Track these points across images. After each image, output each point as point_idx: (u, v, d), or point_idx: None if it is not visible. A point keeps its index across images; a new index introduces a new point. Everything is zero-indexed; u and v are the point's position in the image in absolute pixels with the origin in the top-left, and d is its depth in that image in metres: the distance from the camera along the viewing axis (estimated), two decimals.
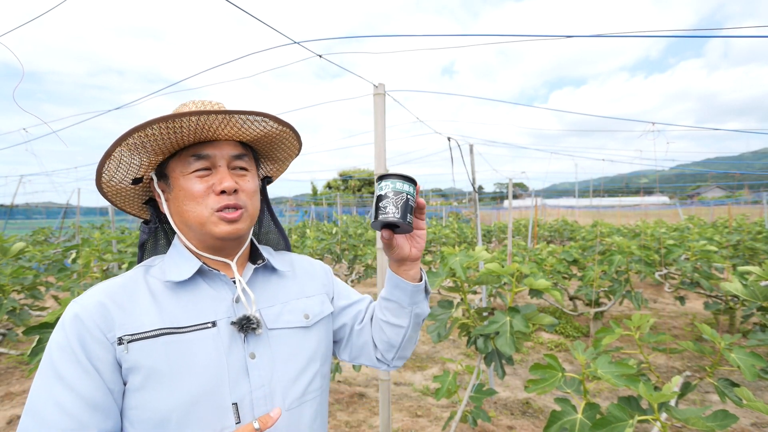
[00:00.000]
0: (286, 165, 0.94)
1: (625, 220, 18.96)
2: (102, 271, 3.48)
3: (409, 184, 0.72)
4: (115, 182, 0.79)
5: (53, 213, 16.32)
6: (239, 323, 0.73)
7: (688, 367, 3.88)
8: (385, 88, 1.93)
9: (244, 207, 0.76)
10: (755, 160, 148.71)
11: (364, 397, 3.32)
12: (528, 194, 18.35)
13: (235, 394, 0.71)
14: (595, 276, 4.24)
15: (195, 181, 0.74)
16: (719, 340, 1.57)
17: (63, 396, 0.64)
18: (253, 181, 0.80)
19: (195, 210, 0.74)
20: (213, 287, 0.77)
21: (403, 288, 0.86)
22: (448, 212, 21.37)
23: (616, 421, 1.23)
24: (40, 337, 1.76)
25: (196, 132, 0.72)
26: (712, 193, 44.76)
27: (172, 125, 0.69)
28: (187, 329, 0.71)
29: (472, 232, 9.49)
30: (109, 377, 0.67)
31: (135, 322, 0.69)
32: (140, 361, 0.67)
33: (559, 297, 1.87)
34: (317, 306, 0.87)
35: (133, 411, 0.68)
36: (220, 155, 0.75)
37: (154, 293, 0.73)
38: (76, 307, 0.69)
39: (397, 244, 0.80)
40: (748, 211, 17.13)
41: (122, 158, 0.74)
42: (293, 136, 0.84)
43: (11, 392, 3.39)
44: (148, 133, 0.70)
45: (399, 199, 0.71)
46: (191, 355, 0.69)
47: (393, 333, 0.90)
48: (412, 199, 0.72)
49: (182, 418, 0.67)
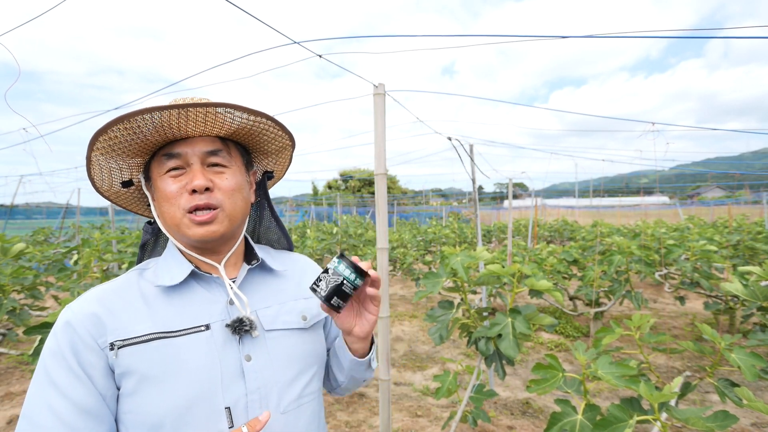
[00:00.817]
0: (284, 158, 0.90)
1: (625, 220, 18.97)
2: (102, 271, 3.48)
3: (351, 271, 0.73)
4: (107, 186, 0.79)
5: (53, 213, 16.32)
6: (233, 325, 0.72)
7: (688, 367, 3.88)
8: (385, 88, 1.92)
9: (220, 206, 0.73)
10: (755, 160, 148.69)
11: (364, 397, 3.32)
12: (528, 194, 18.36)
13: (229, 398, 0.69)
14: (595, 276, 4.24)
15: (169, 182, 0.72)
16: (719, 340, 1.57)
17: (56, 402, 0.64)
18: (234, 178, 0.76)
19: (169, 211, 0.73)
20: (207, 289, 0.76)
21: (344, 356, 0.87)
22: (448, 212, 21.38)
23: (617, 421, 1.23)
24: (41, 337, 1.76)
25: (158, 130, 0.70)
26: (712, 193, 44.76)
27: (129, 125, 0.68)
28: (180, 333, 0.70)
29: (472, 232, 9.49)
30: (101, 383, 0.67)
31: (127, 328, 0.68)
32: (132, 366, 0.67)
33: (559, 297, 1.87)
34: (316, 307, 0.86)
35: (127, 415, 0.68)
36: (191, 152, 0.73)
37: (146, 297, 0.72)
38: (68, 314, 0.69)
39: (338, 318, 0.78)
40: (748, 211, 17.13)
41: (101, 163, 0.74)
42: (272, 125, 0.79)
43: (11, 392, 3.39)
44: (111, 136, 0.69)
45: (333, 280, 0.72)
46: (183, 359, 0.68)
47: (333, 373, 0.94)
48: (348, 285, 0.73)
49: (176, 422, 0.66)
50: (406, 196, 41.11)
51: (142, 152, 0.74)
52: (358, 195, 33.73)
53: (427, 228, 10.40)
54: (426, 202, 37.62)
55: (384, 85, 1.92)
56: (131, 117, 0.66)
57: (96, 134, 0.68)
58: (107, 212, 12.18)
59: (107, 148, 0.71)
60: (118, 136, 0.69)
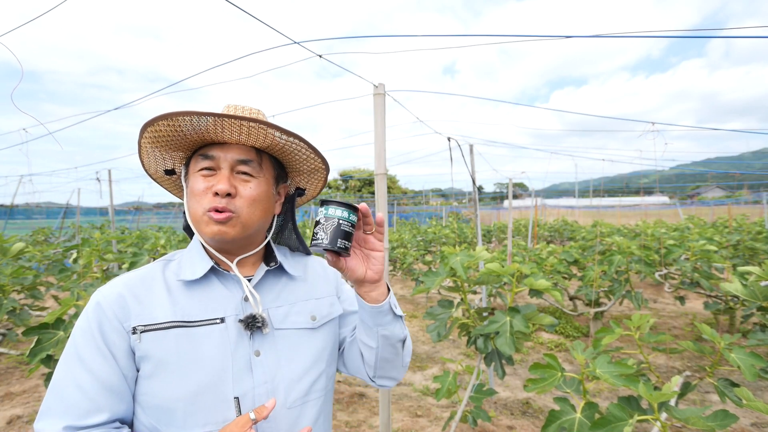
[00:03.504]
0: (317, 179, 0.92)
1: (625, 220, 18.96)
2: (102, 271, 3.48)
3: (341, 209, 0.72)
4: (153, 170, 0.86)
5: (53, 213, 16.32)
6: (246, 321, 0.76)
7: (688, 367, 3.88)
8: (385, 88, 1.93)
9: (237, 213, 0.76)
10: (755, 160, 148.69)
11: (364, 397, 3.32)
12: (528, 194, 18.36)
13: (238, 389, 0.74)
14: (595, 276, 4.24)
15: (200, 180, 0.77)
16: (719, 340, 1.57)
17: (82, 377, 0.69)
18: (258, 189, 0.79)
19: (194, 206, 0.77)
20: (224, 285, 0.80)
21: (364, 308, 0.83)
22: (448, 212, 21.37)
23: (616, 420, 1.23)
24: (39, 338, 1.76)
25: (197, 132, 0.75)
26: (712, 193, 44.75)
27: (171, 123, 0.74)
28: (197, 323, 0.74)
29: (472, 232, 9.49)
30: (123, 363, 0.72)
31: (149, 314, 0.73)
32: (151, 350, 0.71)
33: (559, 297, 1.87)
34: (326, 308, 0.89)
35: (143, 397, 0.73)
36: (224, 157, 0.77)
37: (169, 288, 0.77)
38: (99, 296, 0.74)
39: (347, 267, 0.78)
40: (748, 211, 17.12)
41: (148, 150, 0.81)
42: (304, 147, 0.82)
43: (11, 392, 3.39)
44: (156, 129, 0.75)
45: (330, 224, 0.72)
46: (199, 348, 0.73)
47: (367, 352, 0.87)
48: (346, 223, 0.72)
49: (188, 407, 0.71)
50: (406, 196, 41.11)
51: (184, 147, 0.81)
52: (359, 195, 33.73)
53: (427, 228, 10.40)
54: (426, 202, 37.61)
55: (384, 85, 1.92)
56: (174, 116, 0.72)
57: (145, 125, 0.75)
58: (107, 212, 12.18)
59: (153, 139, 0.78)
60: (162, 130, 0.75)
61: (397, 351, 0.87)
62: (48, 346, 1.74)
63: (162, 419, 0.71)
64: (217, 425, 0.72)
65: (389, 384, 0.93)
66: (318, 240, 0.72)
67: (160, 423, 0.72)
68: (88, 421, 0.68)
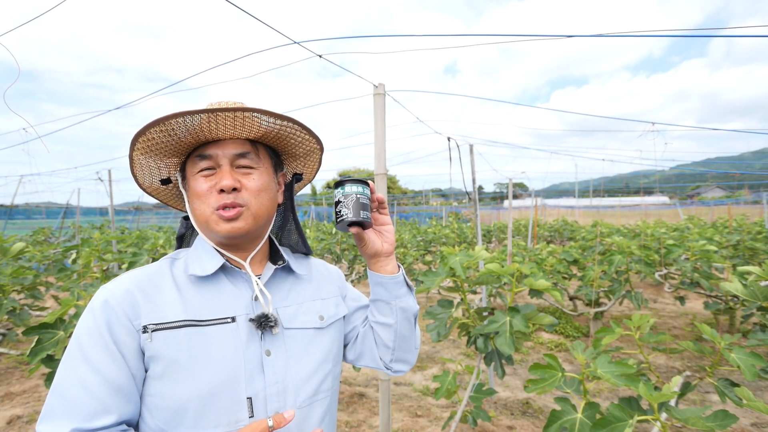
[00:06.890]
0: (313, 161, 0.93)
1: (625, 220, 18.95)
2: (102, 271, 3.48)
3: (356, 185, 0.81)
4: (148, 183, 0.85)
5: (53, 213, 16.31)
6: (257, 320, 0.75)
7: (688, 367, 3.88)
8: (385, 88, 1.93)
9: (246, 205, 0.76)
10: (755, 160, 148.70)
11: (364, 397, 3.32)
12: (528, 194, 18.36)
13: (251, 389, 0.73)
14: (595, 276, 4.24)
15: (200, 181, 0.77)
16: (719, 340, 1.57)
17: (89, 378, 0.66)
18: (261, 179, 0.79)
19: (200, 208, 0.77)
20: (234, 284, 0.79)
21: (382, 283, 0.88)
22: (448, 212, 21.36)
23: (616, 420, 1.23)
24: (39, 337, 1.76)
25: (191, 133, 0.74)
26: (712, 193, 44.75)
27: (164, 128, 0.72)
28: (208, 323, 0.73)
29: (472, 232, 9.49)
30: (133, 363, 0.70)
31: (160, 312, 0.72)
32: (162, 350, 0.69)
33: (559, 297, 1.87)
34: (332, 308, 0.89)
35: (152, 398, 0.70)
36: (222, 154, 0.77)
37: (179, 285, 0.76)
38: (106, 293, 0.72)
39: (368, 239, 0.86)
40: (748, 211, 17.13)
41: (141, 162, 0.79)
42: (299, 129, 0.82)
43: (11, 392, 3.39)
44: (149, 138, 0.74)
45: (350, 200, 0.80)
46: (210, 348, 0.72)
47: (384, 333, 0.91)
48: (363, 197, 0.80)
49: (199, 408, 0.69)
50: (406, 196, 41.09)
51: (178, 153, 0.80)
52: None
53: (427, 228, 10.39)
54: (426, 202, 37.59)
55: (384, 85, 1.92)
56: (166, 120, 0.71)
57: (136, 135, 0.73)
58: (107, 212, 12.19)
59: (146, 149, 0.76)
60: (155, 137, 0.74)
61: (411, 326, 0.93)
62: (48, 345, 1.74)
63: (171, 421, 0.69)
64: (228, 426, 0.70)
65: (404, 368, 0.97)
66: (343, 216, 0.78)
67: (169, 425, 0.69)
68: (96, 423, 0.65)
